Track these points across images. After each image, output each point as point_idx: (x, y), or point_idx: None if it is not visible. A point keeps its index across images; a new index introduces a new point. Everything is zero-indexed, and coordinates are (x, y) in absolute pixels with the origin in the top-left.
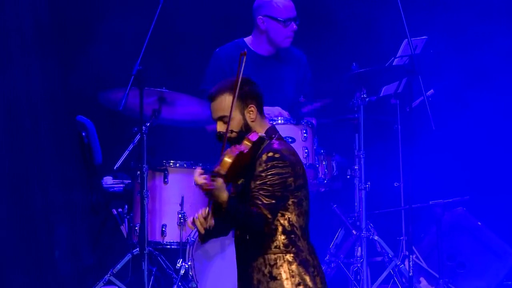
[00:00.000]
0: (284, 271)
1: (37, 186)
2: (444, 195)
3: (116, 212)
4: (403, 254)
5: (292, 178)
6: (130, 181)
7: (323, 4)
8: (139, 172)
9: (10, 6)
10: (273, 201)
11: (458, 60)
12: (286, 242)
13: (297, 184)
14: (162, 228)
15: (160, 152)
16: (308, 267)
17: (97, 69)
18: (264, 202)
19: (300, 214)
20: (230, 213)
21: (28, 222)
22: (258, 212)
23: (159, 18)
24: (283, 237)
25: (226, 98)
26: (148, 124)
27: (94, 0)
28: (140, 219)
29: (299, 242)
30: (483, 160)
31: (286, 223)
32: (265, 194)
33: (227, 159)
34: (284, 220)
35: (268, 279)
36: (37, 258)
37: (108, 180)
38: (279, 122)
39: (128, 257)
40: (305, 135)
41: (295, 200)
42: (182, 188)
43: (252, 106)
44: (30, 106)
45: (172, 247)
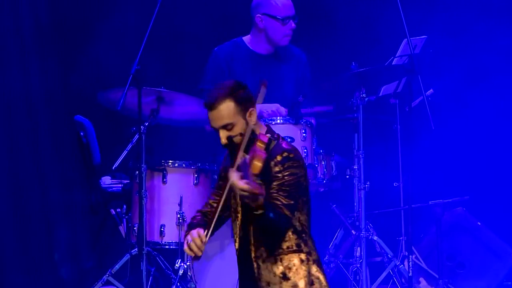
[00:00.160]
0: (298, 271)
1: (36, 186)
2: (444, 195)
3: (114, 212)
4: (402, 254)
5: (303, 178)
6: (128, 181)
7: (323, 3)
8: (137, 172)
9: (10, 6)
10: (291, 201)
11: (457, 60)
12: (298, 241)
13: (306, 183)
14: (161, 228)
15: (159, 152)
16: (320, 265)
17: (96, 69)
18: (284, 202)
19: (307, 213)
20: (268, 216)
21: (27, 222)
22: (282, 213)
23: (157, 18)
24: (294, 236)
25: (228, 105)
26: (146, 124)
27: (93, 0)
28: (138, 219)
29: (309, 241)
30: (483, 160)
31: (297, 223)
32: (284, 194)
33: (258, 163)
34: (295, 220)
35: (282, 280)
36: (36, 258)
37: (106, 180)
38: (278, 122)
39: (126, 257)
40: (304, 134)
41: (304, 199)
42: (181, 188)
43: (252, 109)
44: (29, 106)
45: (171, 247)
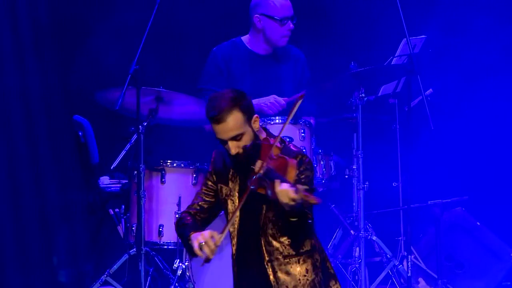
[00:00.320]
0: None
1: (34, 185)
2: (443, 195)
3: (113, 212)
4: (401, 254)
5: (312, 180)
6: (127, 181)
7: (322, 3)
8: (136, 172)
9: (7, 5)
10: None
11: (457, 60)
12: (312, 241)
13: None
14: (159, 228)
15: (157, 151)
16: (331, 263)
17: (94, 68)
18: None
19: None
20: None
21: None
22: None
23: (156, 18)
24: (308, 237)
25: (236, 116)
26: (145, 124)
27: None
28: (137, 219)
29: (318, 241)
30: (482, 160)
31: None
32: None
33: (292, 169)
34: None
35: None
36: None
37: (105, 180)
38: (277, 121)
39: (125, 257)
40: (303, 134)
41: None
42: (180, 188)
43: (256, 116)
44: (27, 106)
45: (169, 247)
